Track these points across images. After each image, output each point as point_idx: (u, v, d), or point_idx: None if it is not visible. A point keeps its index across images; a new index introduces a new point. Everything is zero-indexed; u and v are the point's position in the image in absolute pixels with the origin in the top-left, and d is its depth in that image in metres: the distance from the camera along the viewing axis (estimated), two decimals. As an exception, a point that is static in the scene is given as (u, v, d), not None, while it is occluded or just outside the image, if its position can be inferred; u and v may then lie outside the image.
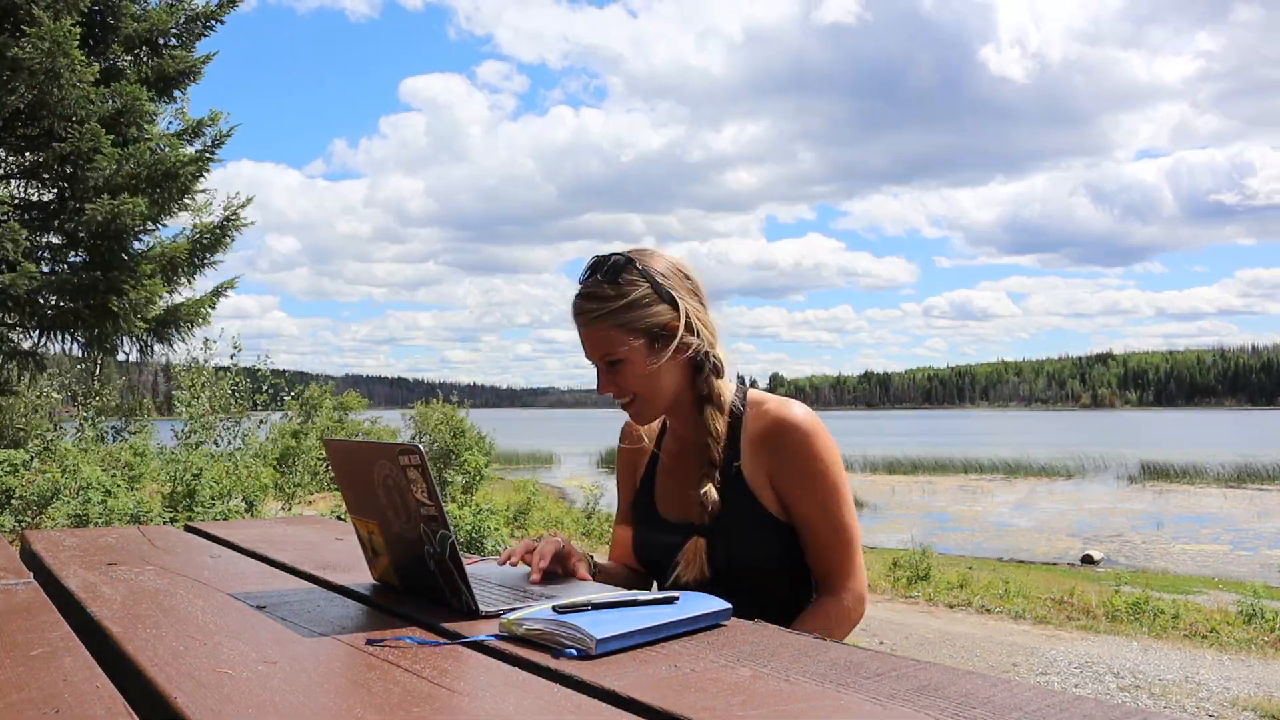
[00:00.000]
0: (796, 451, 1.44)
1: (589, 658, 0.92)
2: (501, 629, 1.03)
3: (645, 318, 1.44)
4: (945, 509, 17.96)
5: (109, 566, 1.49)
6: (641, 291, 1.44)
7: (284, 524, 2.09)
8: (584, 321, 1.46)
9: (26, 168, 8.07)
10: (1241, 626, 6.63)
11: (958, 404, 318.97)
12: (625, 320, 1.44)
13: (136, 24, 8.32)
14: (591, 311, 1.45)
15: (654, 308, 1.45)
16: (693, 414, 1.52)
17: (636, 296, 1.44)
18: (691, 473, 1.52)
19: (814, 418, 1.47)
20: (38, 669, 0.90)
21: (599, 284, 1.45)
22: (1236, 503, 18.52)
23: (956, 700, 0.79)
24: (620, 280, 1.44)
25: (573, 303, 1.49)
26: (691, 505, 1.50)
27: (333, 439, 1.31)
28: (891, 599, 7.70)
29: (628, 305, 1.44)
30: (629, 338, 1.44)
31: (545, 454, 32.41)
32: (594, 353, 1.47)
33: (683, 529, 1.49)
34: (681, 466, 1.56)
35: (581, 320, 1.47)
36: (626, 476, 1.70)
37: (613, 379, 1.47)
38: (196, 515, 8.21)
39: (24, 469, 8.40)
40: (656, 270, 1.47)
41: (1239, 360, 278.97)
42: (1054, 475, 24.82)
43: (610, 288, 1.44)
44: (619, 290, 1.44)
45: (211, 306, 8.99)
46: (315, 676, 0.88)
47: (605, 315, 1.44)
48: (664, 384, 1.47)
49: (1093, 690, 4.98)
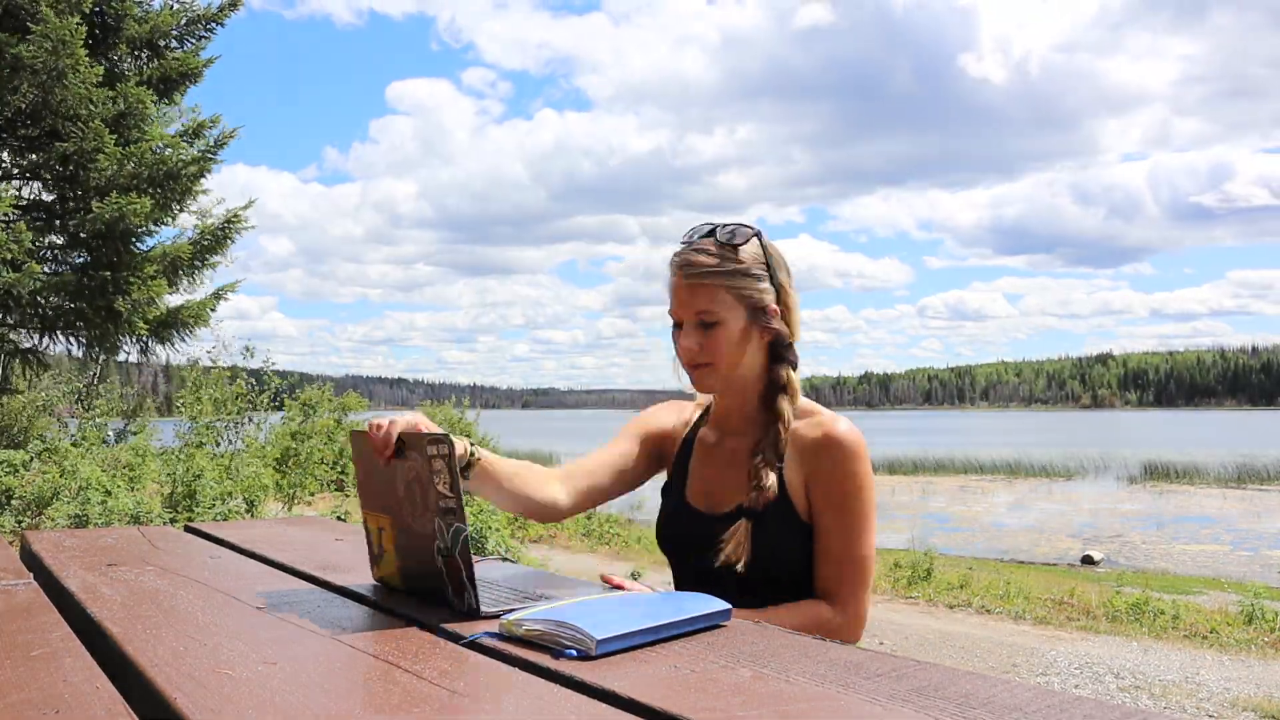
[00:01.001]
0: (837, 468, 1.44)
1: (589, 658, 0.92)
2: (501, 629, 1.03)
3: (753, 290, 1.45)
4: (945, 509, 17.95)
5: (109, 567, 1.49)
6: (756, 263, 1.46)
7: (284, 524, 2.09)
8: (690, 274, 1.45)
9: (28, 167, 8.07)
10: (1242, 627, 6.62)
11: (958, 404, 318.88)
12: (734, 285, 1.44)
13: (138, 26, 8.33)
14: (703, 267, 1.44)
15: (762, 283, 1.46)
16: (755, 401, 1.52)
17: (749, 266, 1.45)
18: (727, 463, 1.52)
19: (861, 441, 1.46)
20: (38, 669, 0.90)
21: (718, 244, 1.45)
22: (1236, 503, 18.51)
23: (957, 701, 0.79)
24: (739, 247, 1.45)
25: (677, 256, 1.48)
26: (722, 496, 1.50)
27: (361, 430, 1.28)
28: (891, 599, 7.70)
29: (742, 272, 1.45)
30: (733, 303, 1.44)
31: (545, 454, 32.45)
32: (691, 309, 1.46)
33: (709, 520, 1.49)
34: (717, 456, 1.56)
35: (686, 272, 1.45)
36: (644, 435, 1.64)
37: (700, 338, 1.45)
38: (197, 516, 8.21)
39: (24, 469, 8.40)
40: (771, 251, 1.49)
41: (1239, 360, 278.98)
42: (1054, 475, 24.80)
43: (729, 250, 1.45)
44: (737, 255, 1.45)
45: (213, 309, 9.00)
46: (315, 677, 0.88)
47: (717, 274, 1.43)
48: (745, 359, 1.48)
49: (1093, 691, 4.98)
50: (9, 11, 7.34)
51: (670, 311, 1.50)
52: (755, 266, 1.46)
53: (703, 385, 1.52)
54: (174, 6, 8.73)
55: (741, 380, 1.51)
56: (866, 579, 1.44)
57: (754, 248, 1.47)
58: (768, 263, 1.48)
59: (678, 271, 1.47)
